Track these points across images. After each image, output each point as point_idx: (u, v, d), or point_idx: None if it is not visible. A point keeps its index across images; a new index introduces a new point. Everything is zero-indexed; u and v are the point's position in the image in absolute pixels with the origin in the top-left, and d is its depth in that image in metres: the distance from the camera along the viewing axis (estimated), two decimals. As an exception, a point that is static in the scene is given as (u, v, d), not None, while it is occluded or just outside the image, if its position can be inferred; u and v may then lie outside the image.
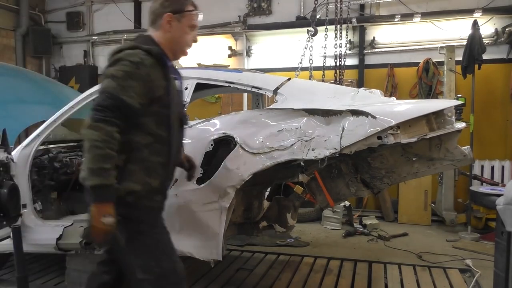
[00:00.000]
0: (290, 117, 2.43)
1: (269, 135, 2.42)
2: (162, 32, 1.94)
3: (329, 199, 2.60)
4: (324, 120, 2.33)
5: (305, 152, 2.30)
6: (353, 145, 2.16)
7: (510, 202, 1.32)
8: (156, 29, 1.95)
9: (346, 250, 4.37)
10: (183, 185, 2.54)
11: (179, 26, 1.94)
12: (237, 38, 7.22)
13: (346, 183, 2.57)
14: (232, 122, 2.56)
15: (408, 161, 2.36)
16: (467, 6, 5.81)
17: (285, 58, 6.98)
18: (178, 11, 1.94)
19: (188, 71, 3.17)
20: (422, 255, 4.17)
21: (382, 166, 2.43)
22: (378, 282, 3.51)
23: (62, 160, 3.52)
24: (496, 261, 1.39)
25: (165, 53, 1.91)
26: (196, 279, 3.52)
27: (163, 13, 1.92)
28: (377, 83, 6.31)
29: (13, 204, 2.84)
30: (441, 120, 2.14)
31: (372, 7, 6.47)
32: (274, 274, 3.63)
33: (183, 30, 1.96)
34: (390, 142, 2.08)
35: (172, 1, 1.94)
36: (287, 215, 2.80)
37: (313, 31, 3.68)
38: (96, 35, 8.10)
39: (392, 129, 2.08)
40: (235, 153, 2.43)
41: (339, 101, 2.40)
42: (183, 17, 1.95)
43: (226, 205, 2.45)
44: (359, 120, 2.17)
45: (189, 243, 2.55)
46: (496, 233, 1.41)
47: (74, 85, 7.70)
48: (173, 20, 1.92)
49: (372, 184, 2.57)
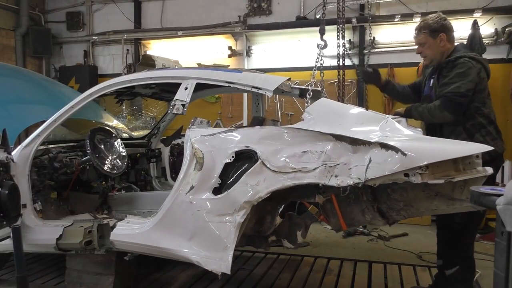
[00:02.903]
0: (316, 140, 2.37)
1: (292, 155, 2.38)
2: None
3: (342, 223, 2.55)
4: (351, 148, 2.28)
5: (327, 177, 2.26)
6: (378, 178, 2.12)
7: (510, 202, 1.31)
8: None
9: (346, 250, 4.37)
10: (199, 193, 2.53)
11: None
12: (237, 38, 7.22)
13: (362, 210, 2.51)
14: (256, 136, 2.51)
15: (428, 197, 2.31)
16: (467, 6, 5.82)
17: (285, 58, 6.99)
18: None
19: (188, 71, 3.18)
20: (422, 255, 4.17)
21: (401, 199, 2.39)
22: (378, 282, 3.51)
23: (62, 160, 3.52)
24: (496, 261, 1.38)
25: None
26: (196, 279, 3.52)
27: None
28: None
29: (13, 204, 2.84)
30: (468, 161, 2.09)
31: (372, 7, 6.47)
32: (274, 274, 3.63)
33: None
34: (417, 181, 2.03)
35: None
36: (298, 232, 2.73)
37: (322, 45, 3.65)
38: (96, 35, 8.10)
39: (421, 168, 2.02)
40: (256, 168, 2.40)
41: (367, 128, 2.35)
42: None
43: (240, 220, 2.42)
44: (387, 154, 2.11)
45: (198, 252, 2.53)
46: (496, 233, 1.40)
47: (74, 85, 7.70)
48: None
49: (388, 214, 2.51)
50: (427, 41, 2.90)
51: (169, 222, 2.67)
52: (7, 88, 4.75)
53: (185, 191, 2.58)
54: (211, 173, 2.53)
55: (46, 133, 3.17)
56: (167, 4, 7.69)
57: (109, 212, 3.75)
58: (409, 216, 2.49)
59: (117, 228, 2.88)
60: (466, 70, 2.72)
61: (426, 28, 2.90)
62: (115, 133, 4.00)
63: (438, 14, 2.98)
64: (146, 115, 7.16)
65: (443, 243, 2.98)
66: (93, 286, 3.11)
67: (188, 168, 2.61)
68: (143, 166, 4.48)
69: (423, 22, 2.94)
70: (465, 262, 2.88)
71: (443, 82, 2.80)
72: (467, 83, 2.71)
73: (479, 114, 2.80)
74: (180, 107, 2.78)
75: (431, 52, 2.92)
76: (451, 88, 2.72)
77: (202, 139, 2.60)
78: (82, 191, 3.92)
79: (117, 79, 3.28)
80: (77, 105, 3.17)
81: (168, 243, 2.65)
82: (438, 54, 2.91)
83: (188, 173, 2.60)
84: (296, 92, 3.48)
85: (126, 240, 2.84)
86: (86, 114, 4.70)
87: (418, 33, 2.96)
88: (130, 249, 2.89)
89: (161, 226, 2.69)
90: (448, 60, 2.83)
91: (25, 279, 2.57)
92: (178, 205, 2.62)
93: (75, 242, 2.87)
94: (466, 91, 2.70)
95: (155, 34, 7.66)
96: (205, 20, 7.31)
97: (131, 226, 2.87)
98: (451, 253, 2.90)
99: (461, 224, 2.73)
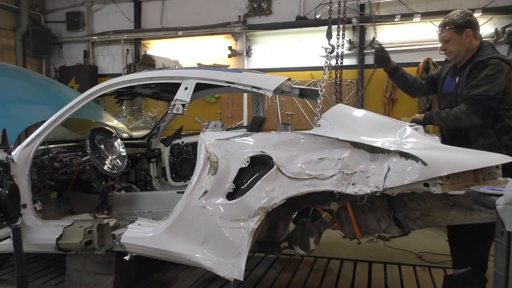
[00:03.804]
0: (333, 147, 2.33)
1: (309, 162, 2.34)
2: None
3: (357, 231, 2.52)
4: (369, 156, 2.24)
5: (344, 185, 2.23)
6: (397, 187, 2.09)
7: (510, 202, 1.31)
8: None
9: (346, 250, 4.37)
10: (213, 198, 2.51)
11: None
12: (237, 38, 7.22)
13: (378, 218, 2.48)
14: (271, 141, 2.48)
15: (446, 207, 2.28)
16: (467, 6, 5.82)
17: (285, 58, 6.99)
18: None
19: (188, 71, 3.18)
20: (422, 255, 4.17)
21: (418, 208, 2.36)
22: (378, 282, 3.51)
23: (62, 160, 3.52)
24: (496, 261, 1.38)
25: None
26: (196, 279, 3.52)
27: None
28: (377, 83, 6.31)
29: (13, 204, 2.84)
30: (487, 172, 2.06)
31: (372, 7, 6.47)
32: (274, 274, 3.63)
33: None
34: (437, 192, 2.00)
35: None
36: (310, 239, 2.69)
37: (330, 49, 3.63)
38: (96, 35, 8.10)
39: (441, 178, 1.99)
40: (272, 174, 2.37)
41: (385, 136, 2.32)
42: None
43: (254, 226, 2.39)
44: (407, 164, 2.07)
45: (211, 257, 2.51)
46: (496, 233, 1.40)
47: (74, 85, 7.71)
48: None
49: (404, 223, 2.47)
50: (452, 37, 2.81)
51: (181, 227, 2.64)
52: (7, 88, 4.75)
53: (199, 196, 2.55)
54: (225, 177, 2.50)
55: (46, 133, 3.17)
56: (167, 4, 7.69)
57: (109, 212, 3.75)
58: (425, 225, 2.44)
59: (128, 231, 2.84)
60: (496, 73, 2.63)
61: (451, 24, 2.80)
62: (115, 133, 4.00)
63: (464, 9, 2.88)
64: (146, 115, 7.16)
65: (457, 243, 2.89)
66: (93, 286, 3.11)
67: (202, 172, 2.57)
68: (143, 166, 4.48)
69: (448, 18, 2.85)
70: (478, 264, 2.81)
71: (472, 83, 2.69)
72: (497, 86, 2.62)
73: (507, 116, 2.71)
74: (180, 107, 2.77)
75: (456, 48, 2.83)
76: (480, 90, 2.63)
77: (217, 143, 2.56)
78: (82, 191, 3.92)
79: (117, 79, 3.28)
80: (77, 105, 3.17)
81: (180, 248, 2.62)
82: (463, 50, 2.82)
83: (201, 177, 2.57)
84: (296, 92, 3.48)
85: (137, 243, 2.80)
86: (86, 114, 4.70)
87: (442, 29, 2.86)
88: (141, 252, 2.85)
89: (173, 230, 2.66)
90: (479, 61, 2.71)
91: (25, 279, 2.57)
92: (191, 209, 2.59)
93: (75, 242, 2.87)
94: (496, 94, 2.62)
95: (155, 34, 7.66)
96: (205, 20, 7.31)
97: (143, 229, 2.82)
98: (466, 253, 2.82)
99: (478, 225, 2.62)
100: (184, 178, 4.69)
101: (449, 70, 3.01)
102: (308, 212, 2.69)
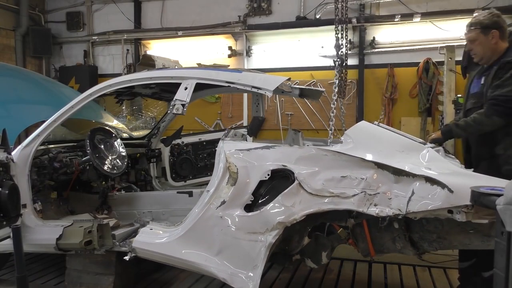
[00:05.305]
0: (357, 166, 2.31)
1: (331, 179, 2.33)
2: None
3: (371, 249, 2.52)
4: (393, 178, 2.23)
5: (366, 205, 2.22)
6: (420, 212, 2.08)
7: (510, 202, 1.31)
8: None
9: (346, 250, 4.35)
10: (231, 209, 2.48)
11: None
12: (237, 38, 7.22)
13: (393, 238, 2.47)
14: (293, 155, 2.45)
15: (463, 232, 2.28)
16: (467, 6, 5.82)
17: (285, 58, 6.99)
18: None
19: (188, 71, 3.18)
20: (422, 255, 4.17)
21: (435, 231, 2.35)
22: (378, 282, 3.51)
23: (62, 160, 3.52)
24: (496, 261, 1.38)
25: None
26: (196, 279, 3.52)
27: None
28: (377, 83, 6.32)
29: (13, 204, 2.84)
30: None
31: (372, 7, 6.47)
32: (274, 274, 3.63)
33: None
34: (462, 220, 2.00)
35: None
36: (323, 253, 2.69)
37: (339, 61, 3.62)
38: (96, 35, 8.11)
39: (467, 207, 1.98)
40: (293, 189, 2.35)
41: (407, 157, 2.31)
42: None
43: (272, 240, 2.36)
44: (432, 189, 2.07)
45: (225, 269, 2.48)
46: (496, 233, 1.40)
47: (74, 85, 7.71)
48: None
49: (419, 244, 2.48)
50: (478, 37, 2.76)
51: (196, 235, 2.60)
52: (7, 88, 4.75)
53: (216, 206, 2.51)
54: (244, 189, 2.46)
55: (46, 133, 3.16)
56: (167, 4, 7.69)
57: (109, 212, 3.75)
58: (441, 248, 2.44)
59: (140, 235, 2.80)
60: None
61: (478, 25, 2.76)
62: (115, 133, 3.99)
63: (492, 10, 2.84)
64: (146, 115, 7.16)
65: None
66: (93, 286, 3.11)
67: (220, 181, 2.53)
68: (143, 166, 4.48)
69: (475, 18, 2.81)
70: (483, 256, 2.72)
71: (496, 83, 2.65)
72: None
73: None
74: (180, 107, 2.77)
75: (481, 49, 2.78)
76: (504, 91, 2.58)
77: (237, 153, 2.53)
78: (82, 191, 3.92)
79: (117, 79, 3.28)
80: (77, 105, 3.17)
81: (194, 257, 2.58)
82: (488, 51, 2.77)
83: (220, 187, 2.52)
84: (296, 92, 3.48)
85: (149, 249, 2.75)
86: (86, 114, 4.70)
87: (469, 29, 2.82)
88: (153, 258, 2.81)
89: (187, 239, 2.62)
90: (507, 61, 2.65)
91: (25, 279, 2.57)
92: (207, 219, 2.54)
93: (75, 242, 2.87)
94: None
95: (155, 34, 7.66)
96: (205, 20, 7.31)
97: (155, 234, 2.78)
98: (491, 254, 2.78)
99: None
100: (184, 178, 4.69)
101: (478, 71, 2.98)
102: (323, 227, 2.66)
